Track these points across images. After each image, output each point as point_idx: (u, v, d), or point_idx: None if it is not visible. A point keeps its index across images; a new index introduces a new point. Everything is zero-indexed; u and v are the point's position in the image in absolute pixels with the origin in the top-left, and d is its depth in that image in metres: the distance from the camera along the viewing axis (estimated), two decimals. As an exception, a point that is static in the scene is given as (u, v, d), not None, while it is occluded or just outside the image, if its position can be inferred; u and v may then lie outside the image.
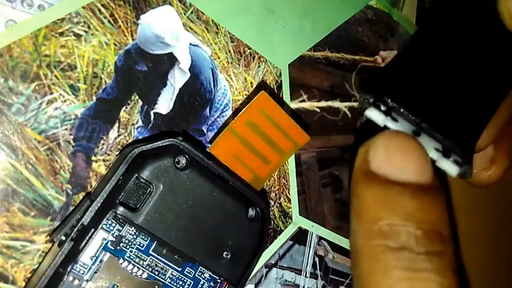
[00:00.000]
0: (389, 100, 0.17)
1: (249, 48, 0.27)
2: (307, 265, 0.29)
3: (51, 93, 0.21)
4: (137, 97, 0.23)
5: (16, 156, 0.20)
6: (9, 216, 0.20)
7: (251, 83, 0.27)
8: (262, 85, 0.27)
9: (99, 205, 0.19)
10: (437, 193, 0.15)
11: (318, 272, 0.30)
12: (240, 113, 0.21)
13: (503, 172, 0.23)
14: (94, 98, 0.22)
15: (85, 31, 0.21)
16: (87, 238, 0.19)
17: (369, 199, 0.15)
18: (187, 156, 0.21)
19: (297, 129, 0.22)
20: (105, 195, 0.19)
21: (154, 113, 0.23)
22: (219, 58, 0.26)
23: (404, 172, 0.15)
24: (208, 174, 0.21)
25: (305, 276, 0.29)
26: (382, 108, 0.16)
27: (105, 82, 0.22)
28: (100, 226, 0.19)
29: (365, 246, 0.14)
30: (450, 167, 0.16)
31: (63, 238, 0.18)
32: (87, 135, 0.21)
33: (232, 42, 0.26)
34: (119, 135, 0.22)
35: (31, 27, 0.20)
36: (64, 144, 0.21)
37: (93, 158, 0.21)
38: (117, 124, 0.22)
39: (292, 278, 0.29)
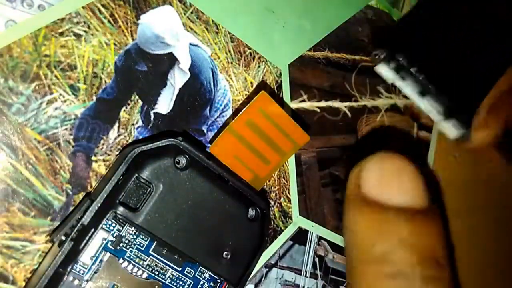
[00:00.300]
0: (400, 58, 0.17)
1: (249, 48, 0.27)
2: (307, 265, 0.29)
3: (51, 93, 0.21)
4: (137, 97, 0.23)
5: (16, 156, 0.20)
6: (9, 216, 0.20)
7: (251, 83, 0.27)
8: (262, 85, 0.27)
9: (99, 205, 0.19)
10: (433, 217, 0.14)
11: (318, 272, 0.30)
12: (240, 113, 0.21)
13: (492, 136, 0.22)
14: (94, 98, 0.22)
15: (85, 31, 0.21)
16: (87, 238, 0.19)
17: (362, 224, 0.15)
18: (187, 156, 0.21)
19: (297, 129, 0.22)
20: (105, 195, 0.19)
21: (154, 113, 0.23)
22: (219, 58, 0.26)
23: (398, 197, 0.14)
24: (208, 174, 0.21)
25: (305, 276, 0.29)
26: (392, 65, 0.16)
27: (105, 82, 0.22)
28: (100, 226, 0.19)
29: (360, 272, 0.14)
30: (450, 130, 0.17)
31: (63, 238, 0.18)
32: (87, 135, 0.21)
33: (232, 42, 0.26)
34: (119, 135, 0.22)
35: (31, 27, 0.20)
36: (64, 144, 0.21)
37: (93, 158, 0.21)
38: (117, 124, 0.22)
39: (292, 278, 0.29)
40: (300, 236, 0.29)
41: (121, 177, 0.19)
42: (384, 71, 0.17)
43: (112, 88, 0.22)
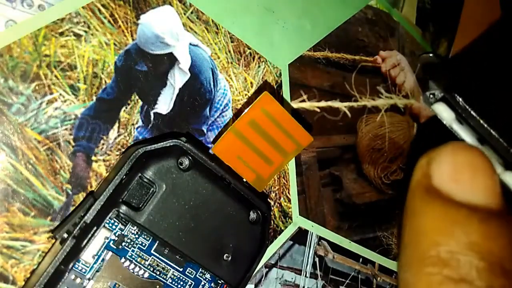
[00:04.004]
0: (460, 99, 0.15)
1: (249, 48, 0.27)
2: (307, 265, 0.29)
3: (51, 93, 0.21)
4: (137, 97, 0.23)
5: (16, 156, 0.20)
6: (9, 216, 0.20)
7: (251, 83, 0.27)
8: (263, 86, 0.27)
9: (102, 203, 0.19)
10: (505, 221, 0.13)
11: (318, 272, 0.30)
12: (243, 113, 0.21)
13: None
14: (94, 98, 0.22)
15: (85, 31, 0.21)
16: (89, 236, 0.19)
17: (430, 217, 0.13)
18: (190, 157, 0.21)
19: (300, 129, 0.22)
20: (108, 194, 0.19)
21: (154, 113, 0.23)
22: (219, 58, 0.26)
23: (472, 194, 0.13)
24: (210, 176, 0.21)
25: (305, 276, 0.29)
26: (450, 105, 0.15)
27: (105, 82, 0.22)
28: (103, 224, 0.19)
29: (419, 274, 0.13)
30: None
31: (65, 235, 0.18)
32: (87, 135, 0.21)
33: (232, 42, 0.26)
34: (119, 135, 0.22)
35: (31, 27, 0.20)
36: (64, 144, 0.21)
37: (93, 158, 0.21)
38: (117, 124, 0.22)
39: (292, 278, 0.29)
40: (300, 236, 0.29)
41: (124, 177, 0.19)
42: (443, 111, 0.15)
43: (112, 88, 0.22)
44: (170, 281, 0.21)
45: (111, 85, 0.22)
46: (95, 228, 0.19)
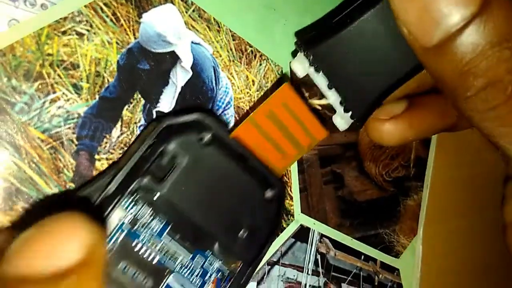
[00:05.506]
0: (311, 58, 0.20)
1: (251, 46, 0.27)
2: (309, 262, 0.30)
3: (54, 92, 0.21)
4: (139, 95, 0.23)
5: (20, 155, 0.20)
6: (13, 215, 0.20)
7: (253, 81, 0.27)
8: (282, 79, 0.27)
9: (126, 173, 0.19)
10: None
11: (320, 269, 0.30)
12: (262, 104, 0.21)
13: (399, 136, 0.23)
14: (97, 97, 0.22)
15: (88, 30, 0.21)
16: (112, 205, 0.19)
17: None
18: (211, 133, 0.21)
19: (316, 123, 0.22)
20: (132, 164, 0.19)
21: (156, 111, 0.23)
22: (220, 56, 0.26)
23: None
24: (230, 153, 0.21)
25: (307, 273, 0.30)
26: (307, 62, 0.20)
27: (108, 80, 0.22)
28: (126, 194, 0.19)
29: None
30: (344, 121, 0.22)
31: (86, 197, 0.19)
32: (90, 133, 0.21)
33: (233, 40, 0.26)
34: (121, 134, 0.22)
35: (34, 26, 0.20)
36: (67, 143, 0.21)
37: (96, 156, 0.22)
38: (119, 123, 0.22)
39: (294, 276, 0.29)
40: (302, 234, 0.29)
41: (147, 148, 0.19)
42: (298, 67, 0.21)
43: (114, 87, 0.22)
44: (179, 267, 0.21)
45: (114, 84, 0.22)
46: (118, 197, 0.19)
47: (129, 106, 0.23)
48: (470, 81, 0.15)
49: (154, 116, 0.23)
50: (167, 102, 0.24)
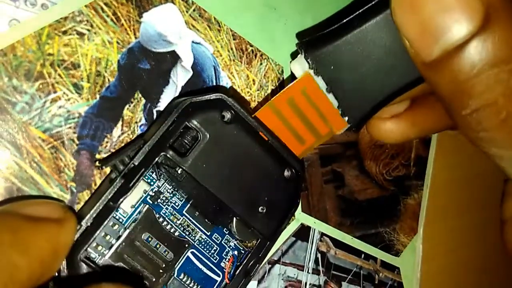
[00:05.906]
0: (311, 61, 0.20)
1: (251, 46, 0.27)
2: (309, 261, 0.30)
3: (55, 92, 0.21)
4: (140, 95, 0.23)
5: (21, 154, 0.20)
6: (15, 214, 0.20)
7: (253, 80, 0.27)
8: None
9: (151, 146, 0.20)
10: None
11: (320, 268, 0.30)
12: (282, 90, 0.21)
13: (401, 134, 0.23)
14: (98, 96, 0.22)
15: (88, 30, 0.22)
16: (137, 176, 0.19)
17: None
18: (232, 111, 0.21)
19: (336, 114, 0.22)
20: (157, 138, 0.20)
21: (157, 111, 0.23)
22: (221, 55, 0.26)
23: None
24: (250, 131, 0.22)
25: (308, 272, 0.30)
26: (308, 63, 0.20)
27: (108, 80, 0.22)
28: (151, 166, 0.20)
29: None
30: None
31: (113, 175, 0.20)
32: (91, 133, 0.21)
33: (234, 39, 0.26)
34: (122, 133, 0.22)
35: (35, 26, 0.20)
36: (68, 143, 0.21)
37: (97, 156, 0.22)
38: (120, 122, 0.22)
39: (295, 274, 0.29)
40: (303, 233, 0.29)
41: (171, 124, 0.20)
42: (296, 67, 0.21)
43: (115, 87, 0.22)
44: (197, 243, 0.22)
45: (115, 83, 0.22)
46: (143, 169, 0.20)
47: (129, 106, 0.23)
48: (465, 101, 0.15)
49: (155, 116, 0.23)
50: (167, 101, 0.24)
